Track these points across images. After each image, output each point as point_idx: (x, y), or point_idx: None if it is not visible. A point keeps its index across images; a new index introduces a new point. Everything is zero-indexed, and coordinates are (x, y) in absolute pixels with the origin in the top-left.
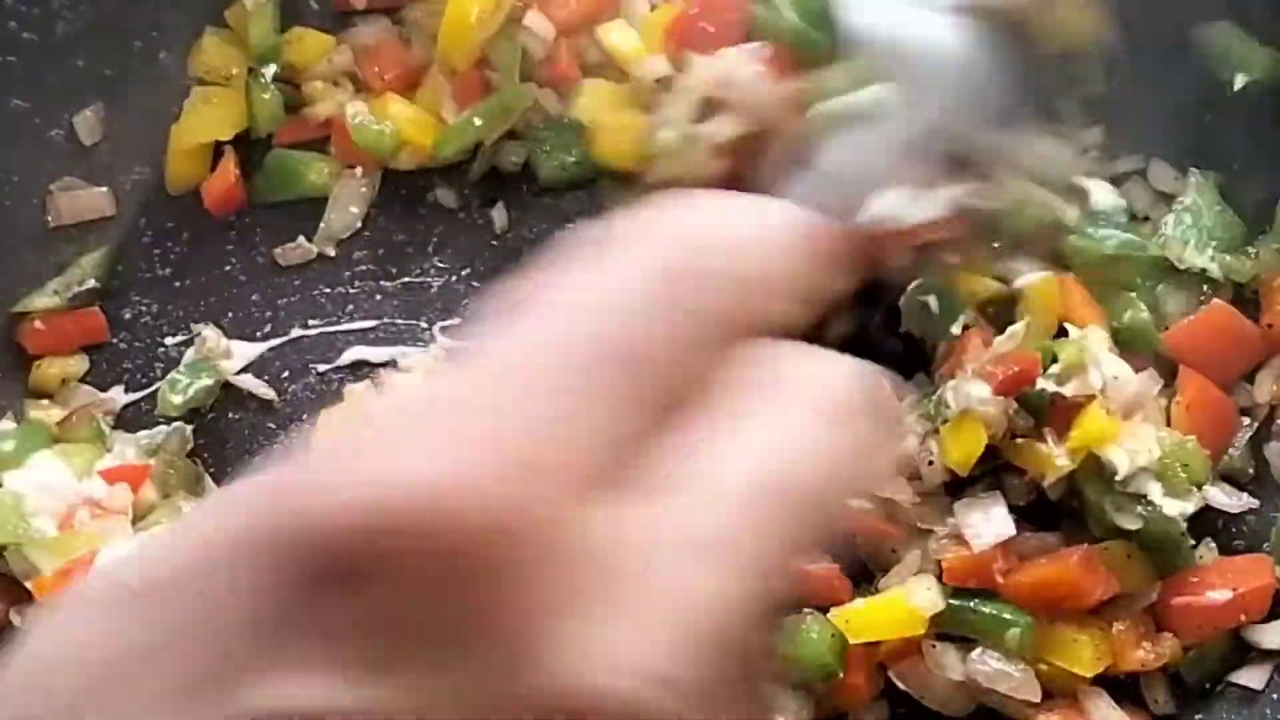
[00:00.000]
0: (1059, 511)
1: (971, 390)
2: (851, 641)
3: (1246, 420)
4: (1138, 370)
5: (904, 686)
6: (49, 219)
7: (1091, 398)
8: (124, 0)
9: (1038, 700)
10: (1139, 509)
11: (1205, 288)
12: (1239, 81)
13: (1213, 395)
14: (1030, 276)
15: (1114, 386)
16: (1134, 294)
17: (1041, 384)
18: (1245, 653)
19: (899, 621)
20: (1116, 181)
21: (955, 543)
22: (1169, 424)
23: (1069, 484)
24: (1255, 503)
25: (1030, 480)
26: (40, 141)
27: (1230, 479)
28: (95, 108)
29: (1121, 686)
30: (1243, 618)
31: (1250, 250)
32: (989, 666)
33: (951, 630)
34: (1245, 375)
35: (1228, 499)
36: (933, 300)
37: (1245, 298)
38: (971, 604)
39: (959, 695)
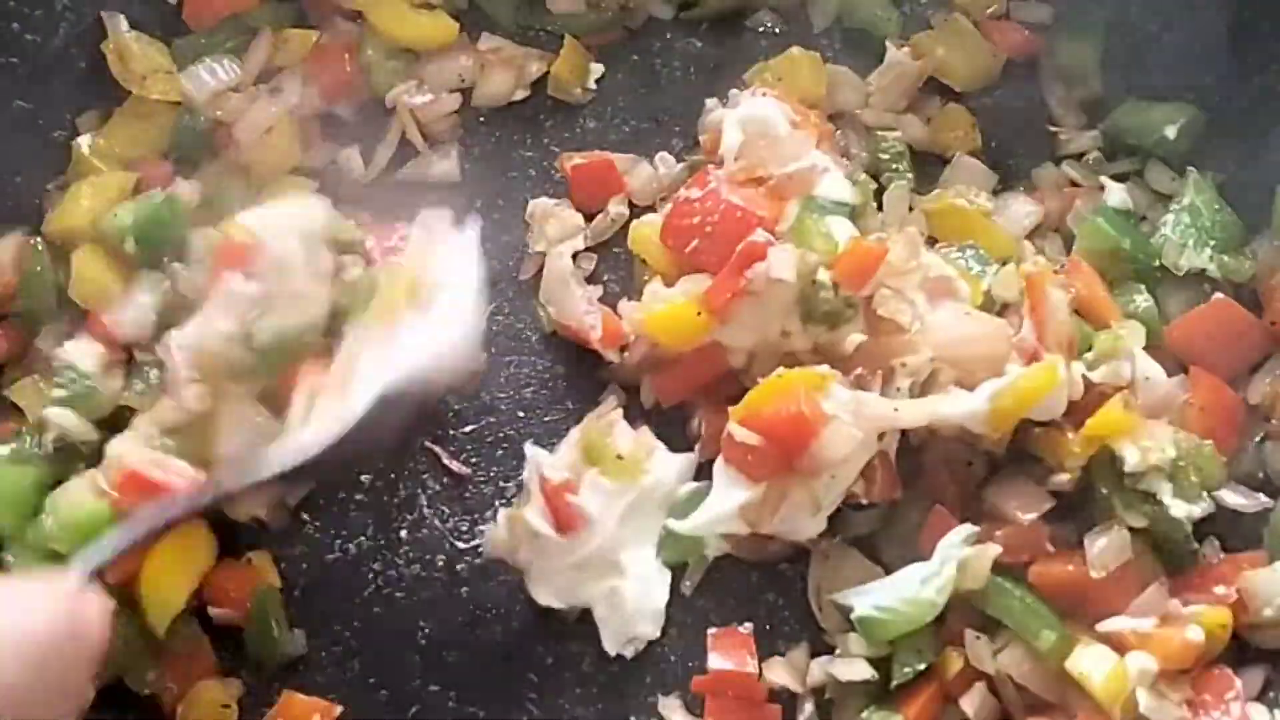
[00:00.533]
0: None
1: None
2: None
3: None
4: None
5: None
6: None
7: (1119, 389)
8: None
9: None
10: (1147, 507)
11: (1206, 287)
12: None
13: (1225, 396)
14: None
15: (1146, 387)
16: (1143, 285)
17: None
18: (1245, 653)
19: None
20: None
21: (993, 524)
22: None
23: (1085, 478)
24: (1270, 502)
25: (1048, 472)
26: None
27: (1242, 479)
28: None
29: None
30: (1243, 617)
31: (1248, 250)
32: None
33: (988, 609)
34: (1250, 370)
35: (1243, 499)
36: None
37: (1243, 298)
38: (1014, 590)
39: None
